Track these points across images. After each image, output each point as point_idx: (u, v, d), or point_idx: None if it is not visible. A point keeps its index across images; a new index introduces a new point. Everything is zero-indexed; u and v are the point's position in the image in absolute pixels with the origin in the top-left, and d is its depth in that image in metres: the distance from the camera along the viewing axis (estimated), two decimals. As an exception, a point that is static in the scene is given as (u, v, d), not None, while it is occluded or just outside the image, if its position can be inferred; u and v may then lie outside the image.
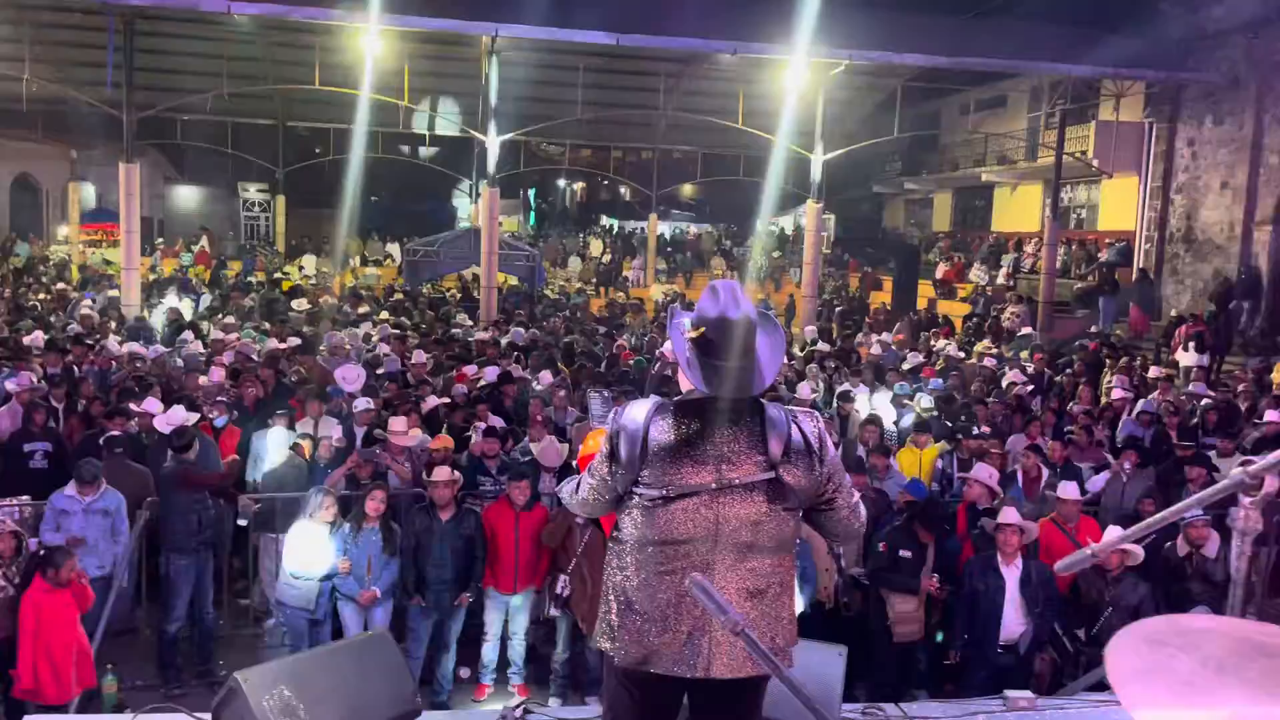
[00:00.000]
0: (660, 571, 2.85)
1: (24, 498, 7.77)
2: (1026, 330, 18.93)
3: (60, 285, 20.08)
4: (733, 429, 2.85)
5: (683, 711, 3.07)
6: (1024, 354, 16.14)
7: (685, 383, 2.96)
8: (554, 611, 7.16)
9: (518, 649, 7.55)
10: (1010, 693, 4.32)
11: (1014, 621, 6.42)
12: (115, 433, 8.49)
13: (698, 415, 2.87)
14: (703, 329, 2.88)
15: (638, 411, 2.91)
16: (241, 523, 8.12)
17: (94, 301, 17.24)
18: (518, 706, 3.99)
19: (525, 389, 11.27)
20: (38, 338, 12.89)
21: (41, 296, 18.95)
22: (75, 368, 11.61)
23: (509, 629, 7.52)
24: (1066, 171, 23.10)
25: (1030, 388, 13.12)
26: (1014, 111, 27.64)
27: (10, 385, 9.72)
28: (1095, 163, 22.85)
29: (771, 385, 3.56)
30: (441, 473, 7.26)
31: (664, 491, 2.83)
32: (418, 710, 3.97)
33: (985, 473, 7.76)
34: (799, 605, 3.94)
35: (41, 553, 6.39)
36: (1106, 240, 23.98)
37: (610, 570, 2.98)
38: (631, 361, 13.51)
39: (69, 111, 25.38)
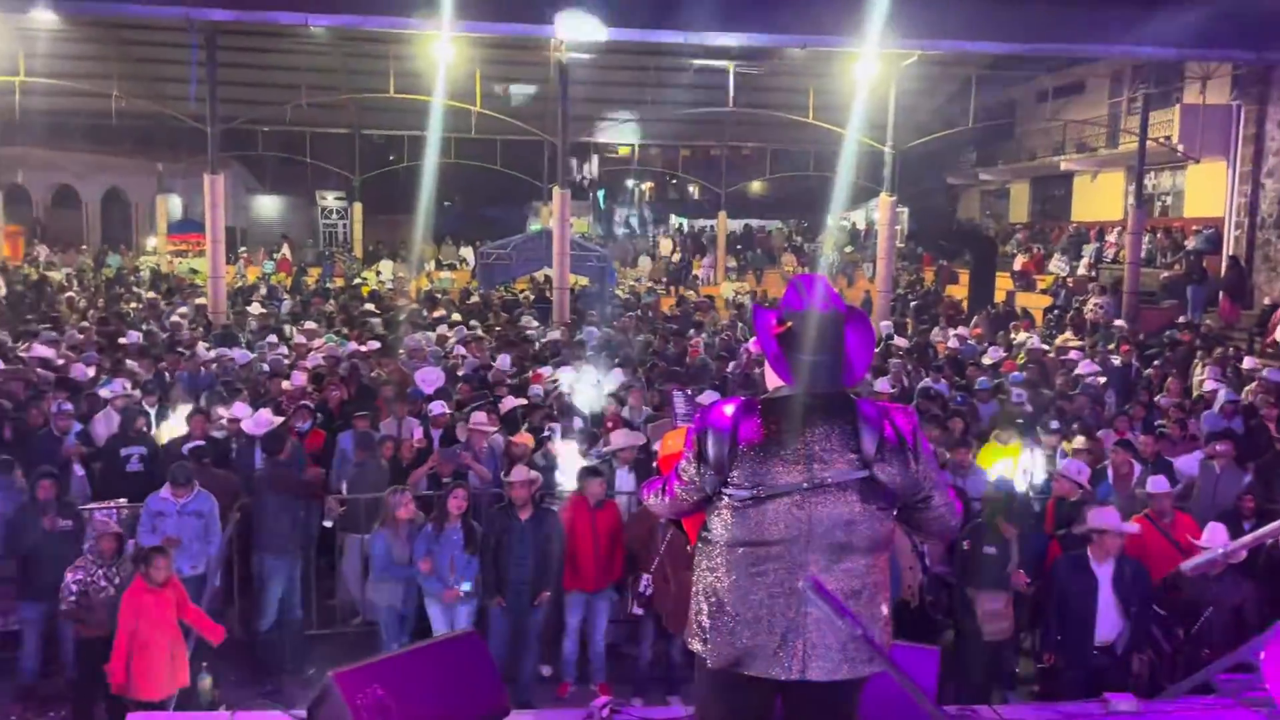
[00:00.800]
0: (752, 572, 2.82)
1: (122, 500, 8.06)
2: (1120, 322, 18.37)
3: (151, 294, 20.75)
4: (824, 426, 2.80)
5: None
6: (1110, 345, 15.69)
7: (772, 379, 2.92)
8: (637, 610, 7.16)
9: (598, 647, 7.58)
10: (1111, 696, 4.20)
11: (1109, 622, 6.23)
12: (198, 440, 8.72)
13: (787, 412, 2.82)
14: (789, 323, 2.85)
15: (724, 410, 2.88)
16: (327, 524, 8.29)
17: (186, 310, 17.78)
18: (605, 705, 3.99)
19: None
20: (134, 337, 13.35)
21: (133, 305, 19.61)
22: (167, 374, 11.99)
23: (589, 627, 7.55)
24: (1150, 157, 22.34)
25: (1103, 380, 12.73)
26: (1093, 97, 26.85)
27: (104, 392, 10.07)
28: (1181, 148, 22.07)
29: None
30: (519, 472, 7.32)
31: (754, 491, 2.80)
32: (506, 709, 4.00)
33: (1074, 468, 7.55)
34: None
35: (138, 553, 6.59)
36: (1193, 228, 23.14)
37: (701, 571, 2.95)
38: (697, 359, 13.49)
39: (155, 127, 26.33)
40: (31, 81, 20.57)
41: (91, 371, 11.38)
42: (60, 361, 12.38)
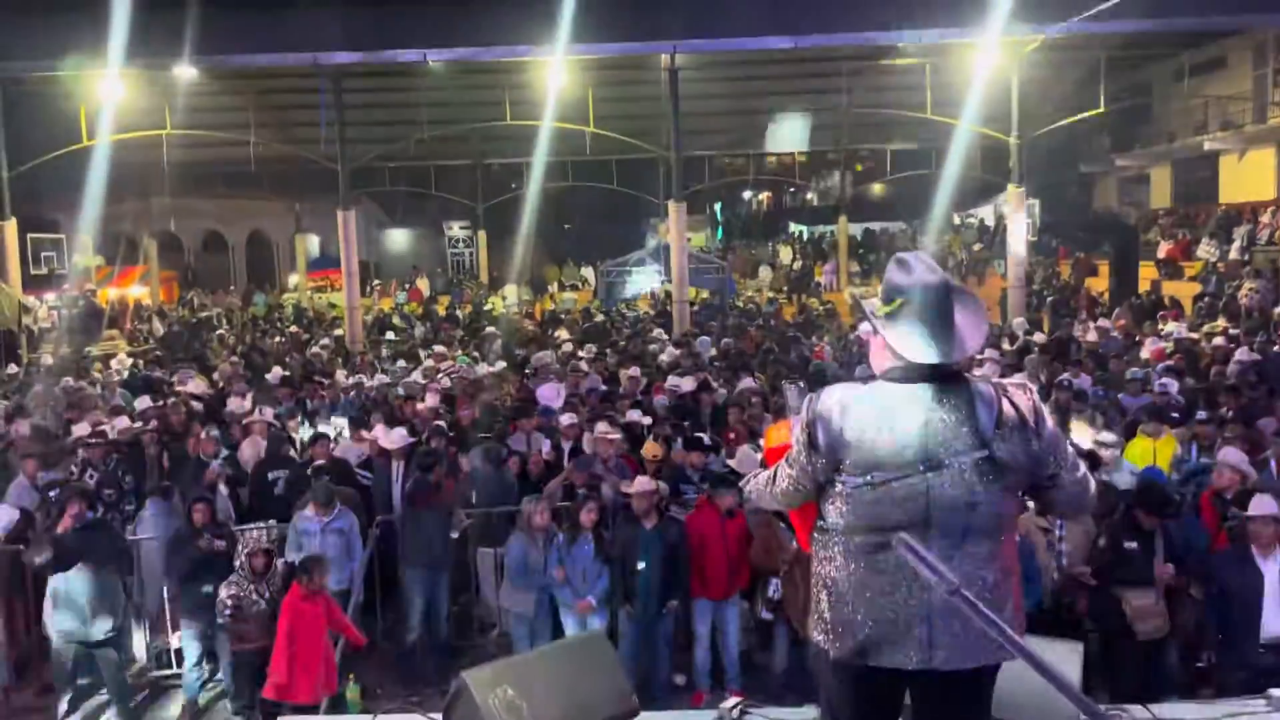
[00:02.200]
0: (871, 560, 2.73)
1: (271, 521, 8.47)
2: (1281, 309, 17.21)
3: (294, 329, 21.81)
4: (938, 405, 2.70)
5: (906, 711, 2.94)
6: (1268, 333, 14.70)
7: (880, 361, 2.84)
8: (766, 615, 7.08)
9: (732, 654, 7.52)
10: (1276, 691, 3.89)
11: (1276, 619, 5.80)
12: (320, 461, 9.07)
13: (898, 394, 2.73)
14: (898, 300, 2.77)
15: (834, 396, 2.80)
16: (453, 535, 8.48)
17: (330, 342, 18.60)
18: (734, 706, 3.94)
19: (725, 398, 11.28)
20: (277, 373, 14.05)
21: (277, 340, 20.65)
22: (308, 401, 12.55)
23: (720, 635, 7.50)
24: (1304, 129, 20.96)
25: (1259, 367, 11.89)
26: (1236, 71, 25.33)
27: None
28: (1338, 116, 20.63)
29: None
30: (641, 483, 7.33)
31: (868, 477, 2.71)
32: (636, 709, 3.99)
33: (1235, 457, 7.10)
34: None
35: (298, 562, 6.89)
36: (1358, 201, 21.57)
37: (818, 561, 2.88)
38: (820, 362, 13.31)
39: (290, 170, 27.76)
40: (176, 134, 21.99)
41: (246, 403, 11.99)
42: (209, 394, 13.16)
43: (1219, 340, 13.80)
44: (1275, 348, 13.34)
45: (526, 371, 13.53)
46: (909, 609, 2.69)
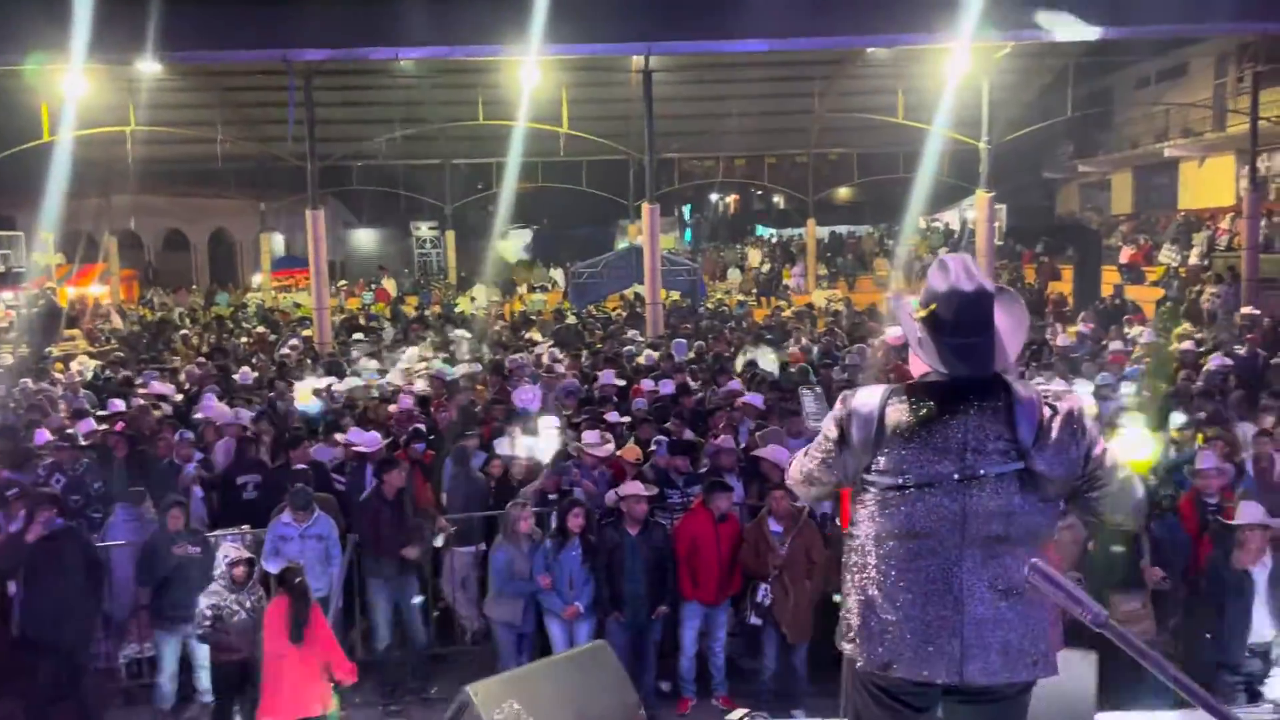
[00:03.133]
0: (902, 568, 2.69)
1: (246, 526, 8.27)
2: (1249, 310, 17.47)
3: (260, 329, 21.46)
4: (976, 413, 2.65)
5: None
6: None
7: (918, 366, 2.80)
8: (755, 620, 7.04)
9: (718, 661, 7.47)
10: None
11: (1264, 624, 5.87)
12: (300, 465, 8.90)
13: (936, 399, 2.68)
14: (933, 305, 2.71)
15: (870, 395, 2.76)
16: (437, 543, 8.35)
17: (299, 342, 18.31)
18: (743, 716, 3.89)
19: (704, 399, 11.24)
20: (247, 374, 13.79)
21: (243, 340, 20.29)
22: (277, 403, 12.32)
23: (708, 640, 7.44)
24: (1262, 138, 21.32)
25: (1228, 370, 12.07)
26: (1197, 79, 25.82)
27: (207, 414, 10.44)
28: (1296, 126, 21.06)
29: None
30: (635, 487, 7.26)
31: (901, 480, 2.67)
32: (642, 721, 3.94)
33: (1214, 460, 7.17)
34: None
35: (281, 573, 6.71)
36: (1315, 208, 22.04)
37: (848, 568, 2.83)
38: (798, 366, 13.30)
39: (256, 168, 27.36)
40: (141, 130, 21.56)
41: (223, 406, 11.72)
42: (179, 397, 12.88)
43: (1187, 345, 13.99)
44: (1242, 351, 13.54)
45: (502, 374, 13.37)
46: (941, 621, 2.64)
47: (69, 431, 10.00)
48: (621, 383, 12.01)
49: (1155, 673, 1.81)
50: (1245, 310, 17.52)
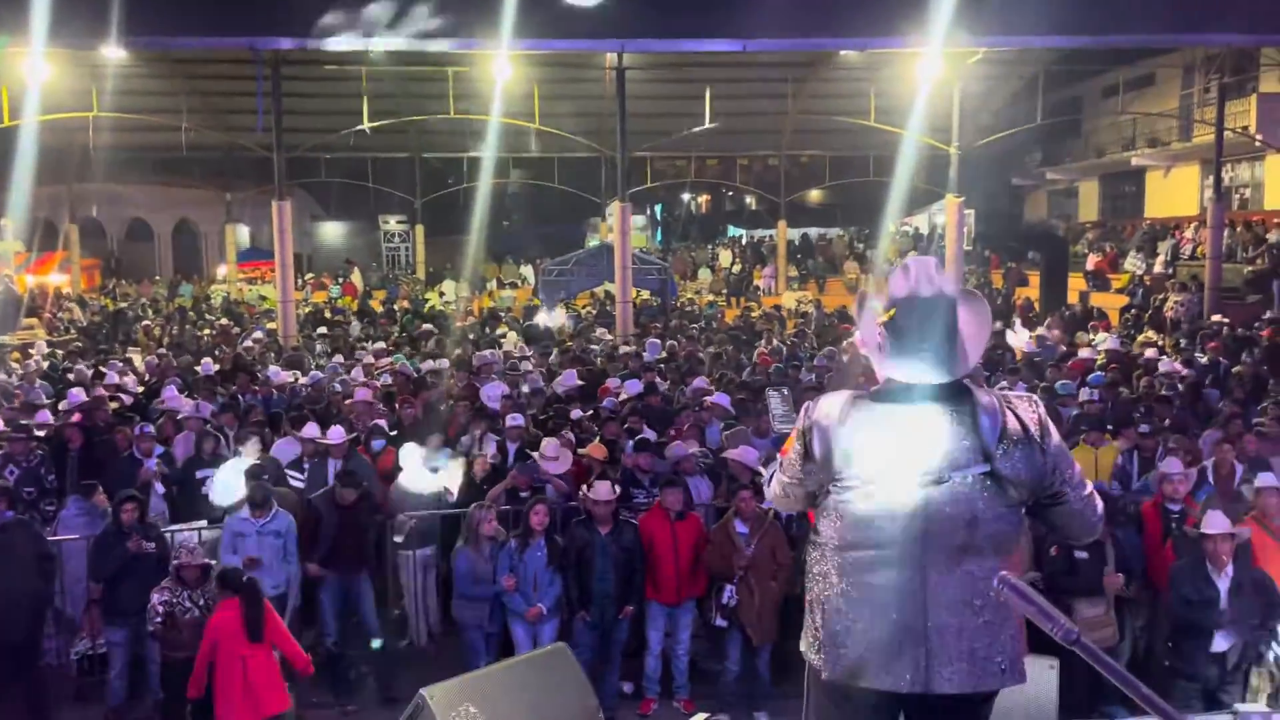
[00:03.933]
0: (866, 577, 2.64)
1: (202, 522, 8.13)
2: (1217, 317, 17.70)
3: (224, 321, 21.17)
4: (939, 418, 2.61)
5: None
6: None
7: (881, 371, 2.76)
8: (720, 622, 6.99)
9: (681, 662, 7.42)
10: (1242, 707, 3.92)
11: (1226, 632, 5.90)
12: (254, 460, 8.75)
13: (898, 405, 2.64)
14: (894, 310, 2.67)
15: (831, 405, 2.71)
16: (398, 539, 8.23)
17: (264, 335, 18.07)
18: (707, 719, 3.84)
19: (671, 399, 11.19)
20: (208, 365, 13.58)
21: (206, 332, 20.01)
22: (240, 397, 12.12)
23: (671, 642, 7.39)
24: (1227, 149, 21.61)
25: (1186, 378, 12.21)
26: (1164, 90, 26.13)
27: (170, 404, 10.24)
28: (1259, 138, 21.35)
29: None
30: (603, 489, 7.17)
31: (865, 489, 2.63)
32: (601, 725, 3.88)
33: (1177, 467, 7.22)
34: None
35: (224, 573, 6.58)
36: (1275, 220, 22.34)
37: (812, 577, 2.78)
38: (771, 368, 13.28)
39: (222, 158, 26.96)
40: (104, 117, 21.16)
41: (184, 400, 11.50)
42: (140, 389, 12.65)
43: (1150, 352, 14.14)
44: (1202, 359, 13.70)
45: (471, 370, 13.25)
46: (904, 629, 2.60)
47: (23, 423, 9.77)
48: (581, 383, 11.90)
49: (1123, 689, 1.77)
50: (1215, 318, 17.75)
